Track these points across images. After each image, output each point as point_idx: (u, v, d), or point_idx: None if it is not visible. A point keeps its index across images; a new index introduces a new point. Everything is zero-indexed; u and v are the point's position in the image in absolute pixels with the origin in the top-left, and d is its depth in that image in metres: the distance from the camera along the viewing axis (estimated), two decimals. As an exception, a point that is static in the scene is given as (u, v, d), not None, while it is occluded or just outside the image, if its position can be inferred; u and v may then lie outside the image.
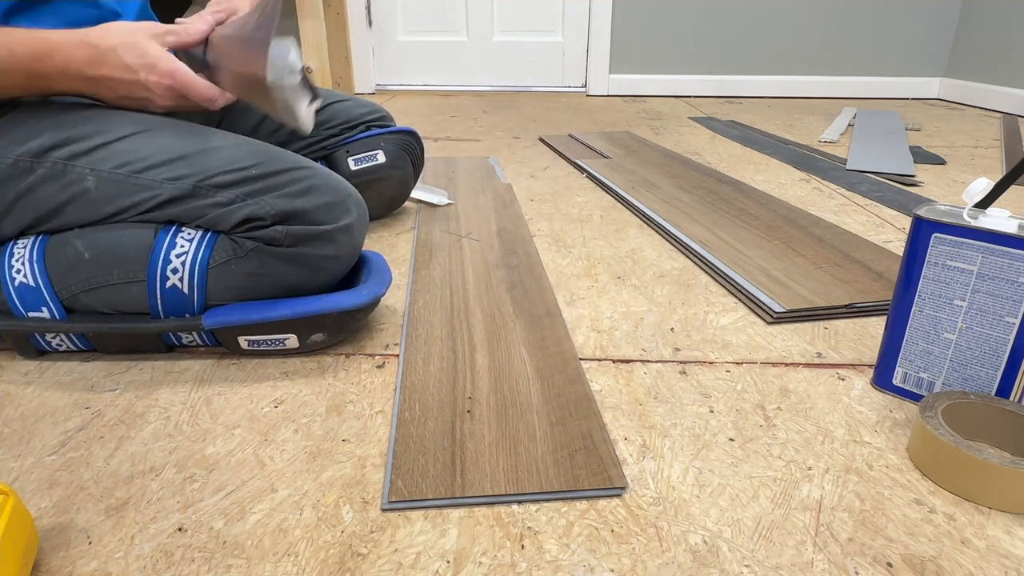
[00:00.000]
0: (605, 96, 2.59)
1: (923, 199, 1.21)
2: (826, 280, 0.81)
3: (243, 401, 0.58)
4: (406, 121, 2.01)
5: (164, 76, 0.60)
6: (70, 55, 0.58)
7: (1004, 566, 0.41)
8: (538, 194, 1.23)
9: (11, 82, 0.58)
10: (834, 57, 2.54)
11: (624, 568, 0.41)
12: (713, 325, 0.72)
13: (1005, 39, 2.22)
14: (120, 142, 0.62)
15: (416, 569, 0.41)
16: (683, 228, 0.99)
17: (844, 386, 0.61)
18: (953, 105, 2.39)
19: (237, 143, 0.65)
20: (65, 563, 0.41)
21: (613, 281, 0.84)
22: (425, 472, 0.48)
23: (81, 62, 0.58)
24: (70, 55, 0.58)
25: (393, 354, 0.66)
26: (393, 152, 0.98)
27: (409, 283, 0.81)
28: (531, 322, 0.71)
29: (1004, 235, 0.51)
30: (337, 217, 0.64)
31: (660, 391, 0.60)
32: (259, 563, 0.41)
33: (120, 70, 0.59)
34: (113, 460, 0.50)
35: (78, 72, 0.59)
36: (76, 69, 0.58)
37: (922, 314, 0.56)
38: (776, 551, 0.42)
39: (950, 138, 1.77)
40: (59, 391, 0.60)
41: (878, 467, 0.50)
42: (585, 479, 0.48)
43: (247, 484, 0.48)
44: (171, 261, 0.61)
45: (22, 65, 0.57)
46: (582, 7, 2.53)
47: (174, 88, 0.61)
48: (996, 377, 0.53)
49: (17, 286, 0.61)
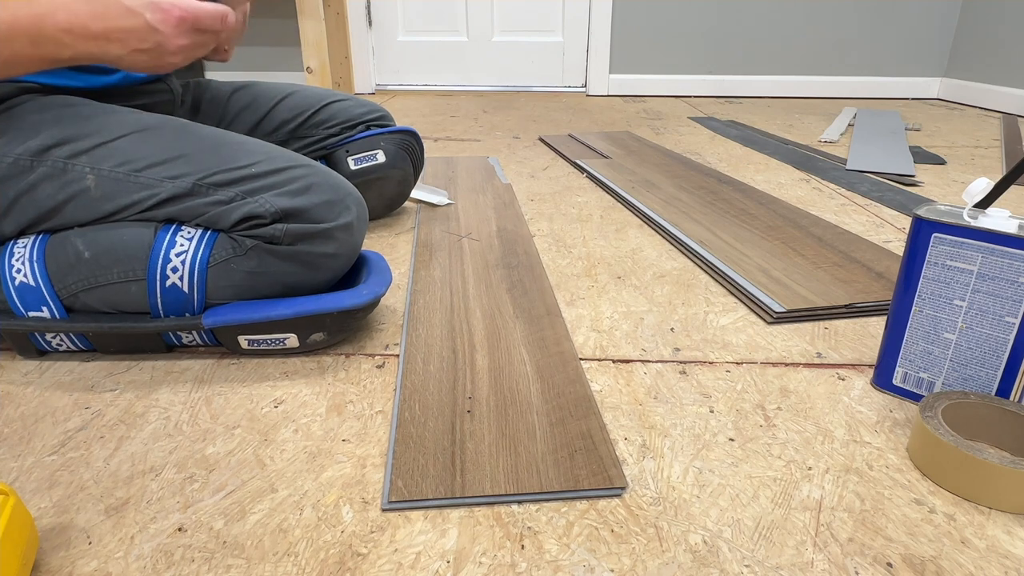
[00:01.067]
0: (605, 96, 2.59)
1: (923, 199, 1.21)
2: (826, 280, 0.81)
3: (243, 401, 0.58)
4: (406, 121, 2.01)
5: (170, 10, 0.58)
6: (72, 11, 0.56)
7: (1004, 566, 0.41)
8: (538, 194, 1.23)
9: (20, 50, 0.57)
10: (834, 57, 2.54)
11: (624, 568, 0.41)
12: (713, 325, 0.72)
13: (1005, 39, 2.22)
14: (119, 140, 0.62)
15: (416, 569, 0.41)
16: (683, 228, 0.99)
17: (844, 386, 0.61)
18: (953, 105, 2.39)
19: (236, 141, 0.65)
20: (65, 563, 0.41)
21: (613, 281, 0.84)
22: (425, 472, 0.48)
23: (84, 16, 0.57)
24: (72, 11, 0.56)
25: (393, 354, 0.66)
26: (393, 152, 0.98)
27: (409, 283, 0.81)
28: (531, 322, 0.71)
29: (1004, 235, 0.51)
30: (337, 215, 0.64)
31: (660, 391, 0.60)
32: (259, 563, 0.41)
33: (124, 17, 0.57)
34: (113, 460, 0.50)
35: (84, 29, 0.57)
36: (81, 25, 0.57)
37: (922, 314, 0.56)
38: (776, 551, 0.42)
39: (950, 138, 1.77)
40: (59, 391, 0.59)
41: (878, 467, 0.50)
42: (585, 479, 0.48)
43: (247, 484, 0.48)
44: (171, 260, 0.61)
45: (26, 27, 0.56)
46: (582, 7, 2.53)
47: (184, 19, 0.58)
48: (996, 377, 0.53)
49: (17, 285, 0.61)
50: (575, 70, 2.63)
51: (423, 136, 1.78)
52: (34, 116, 0.62)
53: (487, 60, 2.62)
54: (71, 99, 0.65)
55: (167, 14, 0.57)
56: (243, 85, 0.94)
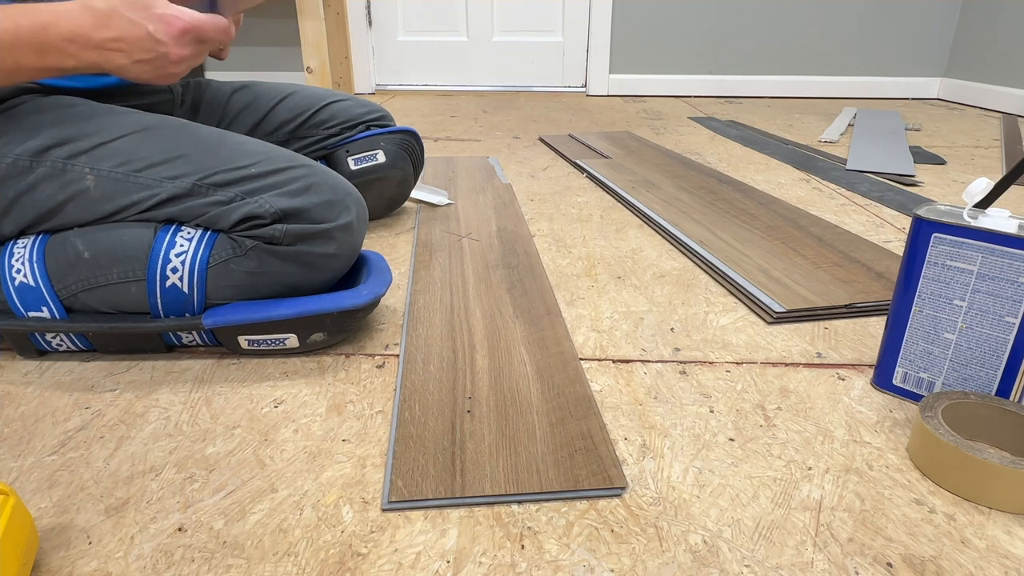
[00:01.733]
0: (605, 96, 2.58)
1: (923, 199, 1.21)
2: (826, 280, 0.81)
3: (243, 401, 0.58)
4: (406, 121, 2.01)
5: (173, 22, 0.58)
6: (75, 21, 0.56)
7: (1004, 566, 0.41)
8: (538, 194, 1.23)
9: (23, 59, 0.57)
10: (834, 57, 2.54)
11: (624, 568, 0.41)
12: (713, 325, 0.72)
13: (1005, 39, 2.22)
14: (119, 141, 0.62)
15: (416, 569, 0.41)
16: (683, 228, 0.99)
17: (844, 386, 0.61)
18: (953, 105, 2.39)
19: (236, 142, 0.65)
20: (65, 563, 0.41)
21: (613, 281, 0.84)
22: (425, 472, 0.48)
23: (87, 26, 0.57)
24: (75, 21, 0.56)
25: (393, 354, 0.66)
26: (393, 152, 0.98)
27: (409, 283, 0.81)
28: (531, 322, 0.71)
29: (1004, 235, 0.51)
30: (337, 215, 0.64)
31: (660, 391, 0.60)
32: (259, 563, 0.41)
33: (127, 27, 0.57)
34: (113, 460, 0.50)
35: (87, 38, 0.57)
36: (84, 35, 0.57)
37: (922, 314, 0.56)
38: (776, 551, 0.42)
39: (950, 138, 1.77)
40: (59, 391, 0.59)
41: (878, 467, 0.50)
42: (585, 479, 0.48)
43: (247, 484, 0.48)
44: (171, 260, 0.61)
45: (29, 36, 0.56)
46: (582, 7, 2.53)
47: (187, 31, 0.58)
48: (996, 377, 0.53)
49: (17, 286, 0.61)
50: (575, 70, 2.63)
51: (423, 136, 1.78)
52: (34, 116, 0.62)
53: (487, 60, 2.62)
54: (71, 99, 0.65)
55: (170, 25, 0.57)
56: (243, 85, 0.94)
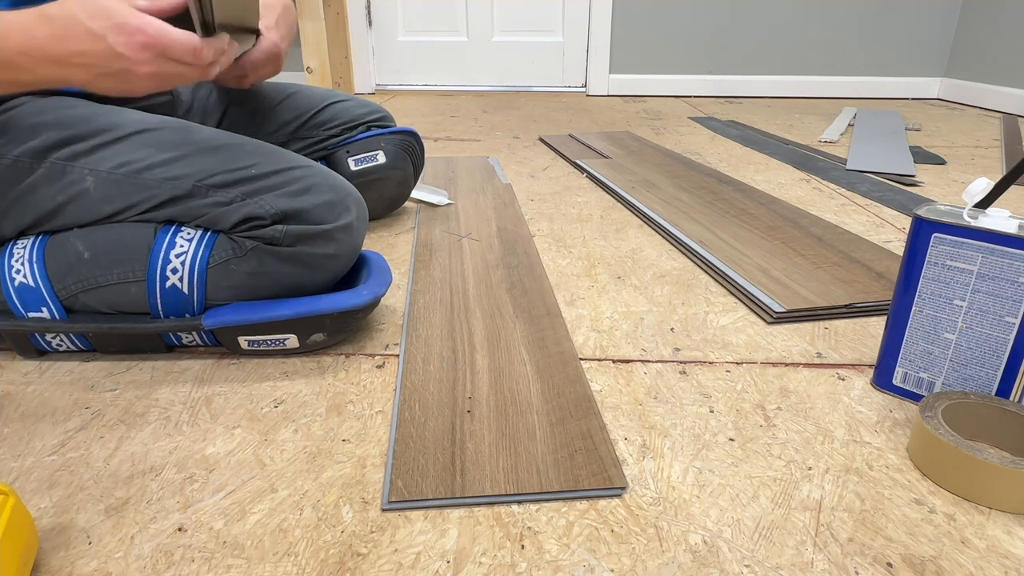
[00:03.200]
0: (605, 96, 2.58)
1: (923, 199, 1.21)
2: (826, 280, 0.81)
3: (243, 401, 0.58)
4: (406, 121, 2.01)
5: (134, 33, 0.52)
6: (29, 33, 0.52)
7: (1004, 566, 0.41)
8: (538, 194, 1.23)
9: None
10: (834, 57, 2.54)
11: (624, 568, 0.41)
12: (713, 325, 0.72)
13: (1005, 39, 2.22)
14: (119, 142, 0.62)
15: (416, 569, 0.41)
16: (683, 228, 0.99)
17: (844, 386, 0.61)
18: (953, 105, 2.39)
19: (236, 143, 0.65)
20: (65, 563, 0.41)
21: (613, 281, 0.84)
22: (425, 472, 0.48)
23: (42, 39, 0.52)
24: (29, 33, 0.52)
25: (393, 354, 0.66)
26: (393, 152, 0.98)
27: (409, 283, 0.81)
28: (531, 322, 0.71)
29: (1004, 235, 0.51)
30: (337, 216, 0.64)
31: (660, 391, 0.60)
32: (259, 563, 0.41)
33: (85, 40, 0.52)
34: (113, 460, 0.50)
35: (41, 52, 0.53)
36: (38, 47, 0.53)
37: (922, 314, 0.56)
38: (776, 551, 0.42)
39: (950, 138, 1.77)
40: (59, 391, 0.59)
41: (878, 467, 0.50)
42: (585, 479, 0.48)
43: (247, 484, 0.48)
44: (171, 261, 0.61)
45: None
46: (582, 7, 2.53)
47: (149, 45, 0.53)
48: (996, 377, 0.53)
49: (17, 286, 0.61)
50: (575, 70, 2.63)
51: (423, 136, 1.78)
52: (34, 118, 0.62)
53: (487, 60, 2.62)
54: (71, 100, 0.65)
55: (130, 38, 0.53)
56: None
